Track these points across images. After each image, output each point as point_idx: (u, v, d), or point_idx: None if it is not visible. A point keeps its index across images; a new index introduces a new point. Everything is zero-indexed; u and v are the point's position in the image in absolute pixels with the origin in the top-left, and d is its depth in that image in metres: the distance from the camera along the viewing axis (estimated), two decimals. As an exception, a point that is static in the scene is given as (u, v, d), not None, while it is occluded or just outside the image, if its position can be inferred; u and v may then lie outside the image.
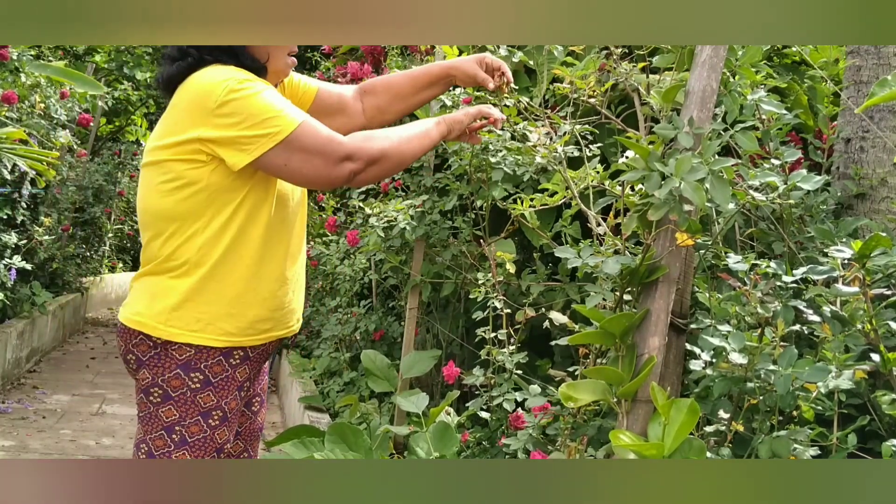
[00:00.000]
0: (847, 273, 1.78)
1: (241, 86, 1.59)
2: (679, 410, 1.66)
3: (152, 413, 1.69)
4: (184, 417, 1.68)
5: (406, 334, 3.33)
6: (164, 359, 1.67)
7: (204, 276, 1.67)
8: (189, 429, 1.68)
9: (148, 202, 1.70)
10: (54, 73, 2.62)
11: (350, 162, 1.63)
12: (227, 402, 1.71)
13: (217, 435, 1.71)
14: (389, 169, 1.72)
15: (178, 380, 1.67)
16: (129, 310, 1.72)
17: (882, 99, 1.72)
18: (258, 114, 1.58)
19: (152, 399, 1.68)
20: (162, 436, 1.68)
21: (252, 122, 1.58)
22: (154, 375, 1.68)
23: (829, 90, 3.33)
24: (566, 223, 2.70)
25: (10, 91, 4.68)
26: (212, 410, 1.69)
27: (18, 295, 5.78)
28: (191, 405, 1.68)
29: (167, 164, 1.64)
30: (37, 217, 6.15)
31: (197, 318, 1.67)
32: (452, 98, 2.97)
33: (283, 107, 1.61)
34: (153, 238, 1.70)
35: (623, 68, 2.42)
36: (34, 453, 4.05)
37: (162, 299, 1.68)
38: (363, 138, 1.67)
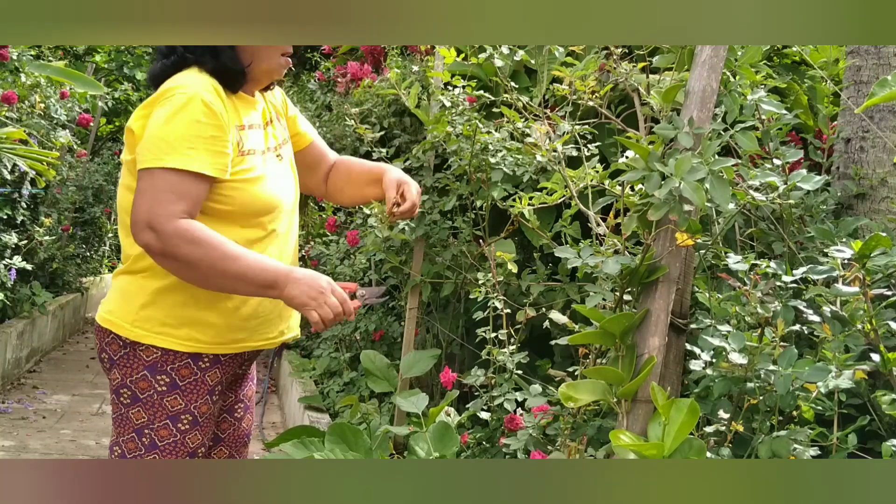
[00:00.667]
0: (847, 273, 1.78)
1: (183, 99, 1.56)
2: (679, 410, 1.66)
3: (124, 415, 1.67)
4: (152, 420, 1.65)
5: (406, 334, 3.33)
6: (133, 359, 1.66)
7: (171, 278, 1.63)
8: (158, 432, 1.66)
9: (120, 199, 1.70)
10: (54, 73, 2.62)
11: (151, 234, 1.52)
12: (196, 406, 1.68)
13: (188, 439, 1.68)
14: (185, 276, 1.58)
15: (145, 381, 1.65)
16: (103, 308, 1.72)
17: (882, 99, 1.72)
18: (165, 132, 1.55)
19: (122, 400, 1.67)
20: (133, 438, 1.66)
21: (155, 135, 1.56)
22: (123, 376, 1.67)
23: (829, 90, 3.33)
24: (566, 223, 2.70)
25: (10, 91, 4.68)
26: (180, 414, 1.66)
27: (18, 295, 5.77)
28: (158, 408, 1.65)
29: (130, 162, 1.65)
30: (37, 217, 6.14)
31: (163, 321, 1.64)
32: (452, 98, 2.97)
33: (188, 145, 1.55)
34: (126, 236, 1.68)
35: (623, 68, 2.42)
36: (34, 453, 4.05)
37: (132, 298, 1.67)
38: (186, 236, 1.52)
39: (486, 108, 3.22)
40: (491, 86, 3.31)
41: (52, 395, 5.29)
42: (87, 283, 8.28)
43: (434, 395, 3.42)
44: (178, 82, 1.61)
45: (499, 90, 3.14)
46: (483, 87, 3.24)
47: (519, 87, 3.28)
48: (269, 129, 1.79)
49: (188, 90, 1.58)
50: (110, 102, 8.72)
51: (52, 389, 5.45)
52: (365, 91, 3.92)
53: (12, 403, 4.95)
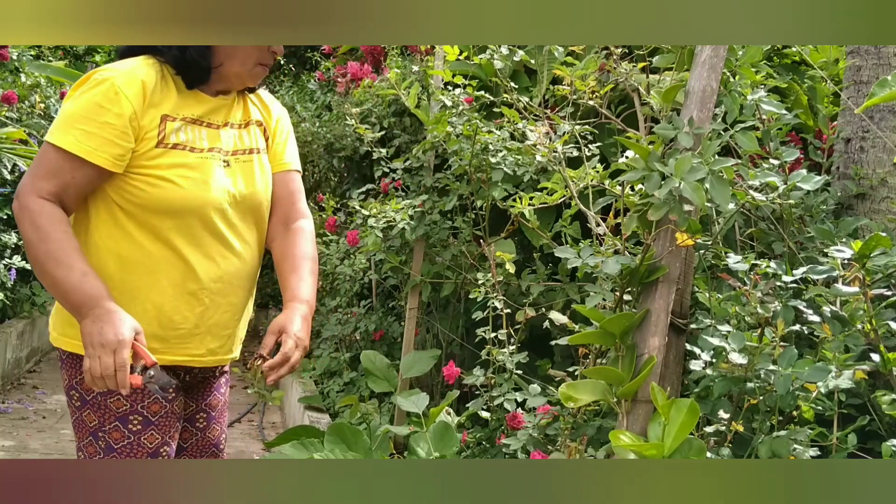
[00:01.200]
0: (847, 273, 1.78)
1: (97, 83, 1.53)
2: (679, 410, 1.66)
3: (78, 418, 1.62)
4: (103, 423, 1.59)
5: (406, 334, 3.33)
6: (76, 360, 1.60)
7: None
8: (111, 434, 1.59)
9: None
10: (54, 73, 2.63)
11: (16, 203, 1.50)
12: (144, 405, 1.60)
13: (144, 439, 1.60)
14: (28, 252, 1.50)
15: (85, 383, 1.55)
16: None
17: (882, 99, 1.72)
18: (66, 112, 1.53)
19: (73, 402, 1.63)
20: (91, 442, 1.61)
21: (60, 114, 1.54)
22: (70, 377, 1.63)
23: (829, 90, 3.33)
24: (566, 223, 2.70)
25: (10, 91, 4.69)
26: (128, 415, 1.59)
27: (18, 295, 5.77)
28: (105, 410, 1.59)
29: None
30: (37, 217, 6.13)
31: (71, 322, 1.54)
32: (452, 98, 2.97)
33: (80, 125, 1.51)
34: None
35: (623, 68, 2.42)
36: (34, 453, 4.05)
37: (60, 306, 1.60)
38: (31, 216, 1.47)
39: (487, 108, 3.22)
40: (491, 86, 3.31)
41: (52, 395, 5.28)
42: (87, 283, 8.27)
43: (434, 395, 3.42)
44: (107, 66, 1.58)
45: (499, 90, 3.14)
46: (483, 87, 3.24)
47: (519, 88, 3.28)
48: (227, 132, 1.68)
49: (107, 74, 1.54)
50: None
51: (52, 389, 5.44)
52: (365, 91, 3.92)
53: (12, 403, 4.95)
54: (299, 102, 5.62)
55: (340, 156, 4.51)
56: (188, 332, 1.63)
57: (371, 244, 3.41)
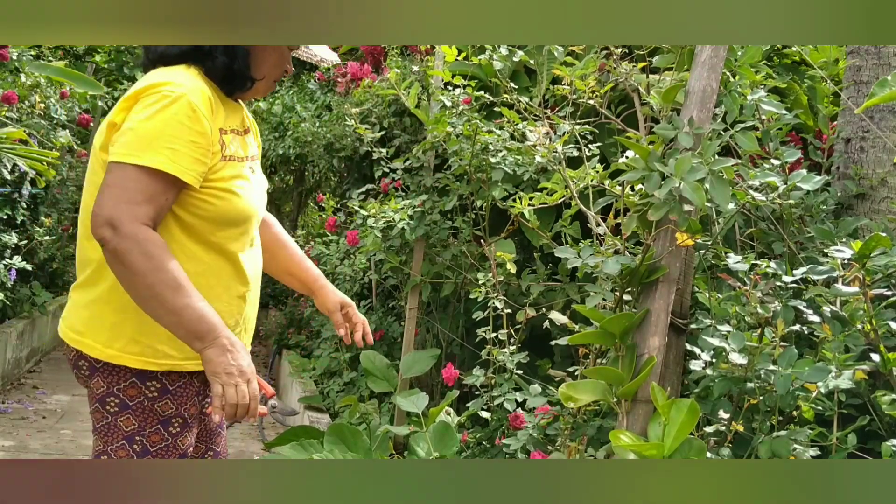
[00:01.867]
0: (847, 273, 1.78)
1: (170, 99, 1.49)
2: (679, 410, 1.66)
3: (111, 423, 1.60)
4: (143, 427, 1.59)
5: (406, 334, 3.33)
6: (118, 367, 1.58)
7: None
8: (150, 438, 1.60)
9: (86, 200, 1.59)
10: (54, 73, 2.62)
11: (110, 230, 1.41)
12: (186, 408, 1.63)
13: (179, 442, 1.63)
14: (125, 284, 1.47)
15: (134, 388, 1.58)
16: (70, 327, 1.64)
17: (882, 99, 1.72)
18: (145, 129, 1.46)
19: (109, 409, 1.59)
20: (123, 446, 1.59)
21: (134, 129, 1.47)
22: (109, 384, 1.59)
23: (829, 90, 3.33)
24: (566, 223, 2.70)
25: (10, 91, 4.68)
26: (171, 418, 1.61)
27: (18, 295, 5.77)
28: (149, 414, 1.59)
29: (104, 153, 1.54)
30: (37, 217, 6.14)
31: (135, 338, 1.55)
32: (452, 98, 2.97)
33: (167, 144, 1.46)
34: (88, 238, 1.55)
35: (623, 68, 2.42)
36: (34, 453, 4.05)
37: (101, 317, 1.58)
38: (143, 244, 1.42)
39: (487, 108, 3.22)
40: (491, 86, 3.32)
41: (52, 395, 5.28)
42: (87, 283, 8.27)
43: (434, 395, 3.42)
44: (166, 78, 1.52)
45: (499, 90, 3.14)
46: (483, 88, 3.24)
47: (519, 88, 3.28)
48: (247, 138, 1.72)
49: (176, 89, 1.49)
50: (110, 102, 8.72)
51: (52, 389, 5.45)
52: (365, 91, 3.92)
53: (12, 403, 4.95)
54: (299, 102, 5.62)
55: (340, 156, 4.52)
56: (233, 332, 1.62)
57: (371, 244, 3.41)
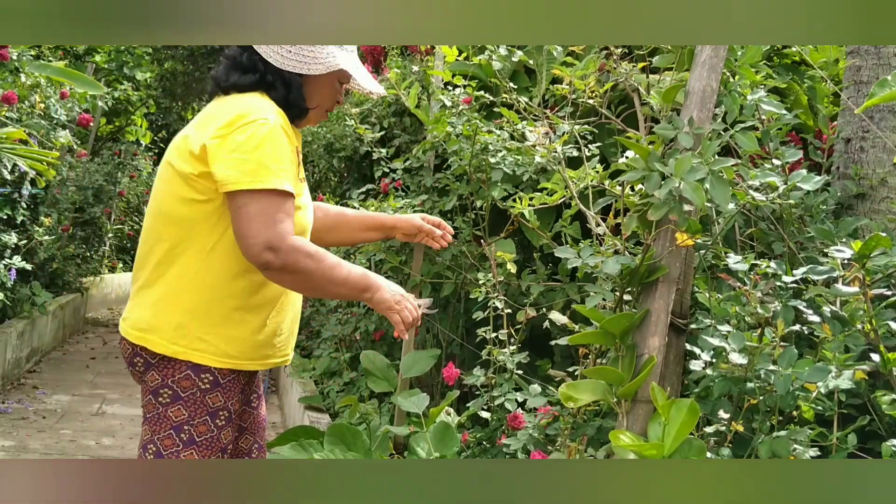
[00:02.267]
0: (847, 273, 1.78)
1: (266, 127, 1.64)
2: (679, 410, 1.66)
3: (161, 413, 1.71)
4: (192, 417, 1.71)
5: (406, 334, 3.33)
6: (173, 361, 1.70)
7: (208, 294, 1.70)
8: (197, 428, 1.71)
9: (169, 207, 1.72)
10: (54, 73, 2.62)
11: (272, 255, 1.60)
12: (231, 402, 1.75)
13: (222, 435, 1.74)
14: (299, 289, 1.74)
15: (188, 380, 1.70)
16: (133, 325, 1.74)
17: (882, 99, 1.72)
18: (259, 157, 1.62)
19: (161, 400, 1.71)
20: (171, 435, 1.70)
21: (249, 160, 1.61)
22: (164, 377, 1.71)
23: (829, 90, 3.33)
24: (566, 223, 2.70)
25: (10, 91, 4.68)
26: (219, 410, 1.73)
27: (18, 295, 5.77)
28: (200, 405, 1.71)
29: (189, 175, 1.68)
30: (37, 217, 6.14)
31: (200, 337, 1.70)
32: (452, 98, 2.97)
33: (282, 167, 1.64)
34: (160, 241, 1.72)
35: (623, 68, 2.42)
36: (34, 453, 4.05)
37: (167, 315, 1.70)
38: (304, 250, 1.64)
39: (487, 108, 3.22)
40: (491, 86, 3.32)
41: (52, 396, 5.28)
42: (87, 283, 8.28)
43: (434, 395, 3.42)
44: (253, 105, 1.67)
45: (499, 90, 3.14)
46: (483, 88, 3.24)
47: (519, 88, 3.28)
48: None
49: (270, 119, 1.66)
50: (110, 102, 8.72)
51: (52, 389, 5.45)
52: (365, 91, 3.91)
53: (12, 403, 4.95)
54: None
55: (340, 156, 4.52)
56: (287, 337, 1.84)
57: (371, 244, 3.41)
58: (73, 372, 6.09)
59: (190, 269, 1.69)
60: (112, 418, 4.87)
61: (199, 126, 1.70)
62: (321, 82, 1.79)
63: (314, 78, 1.77)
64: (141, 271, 1.76)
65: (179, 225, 1.69)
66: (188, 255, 1.69)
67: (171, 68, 9.23)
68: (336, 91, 1.84)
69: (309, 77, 1.76)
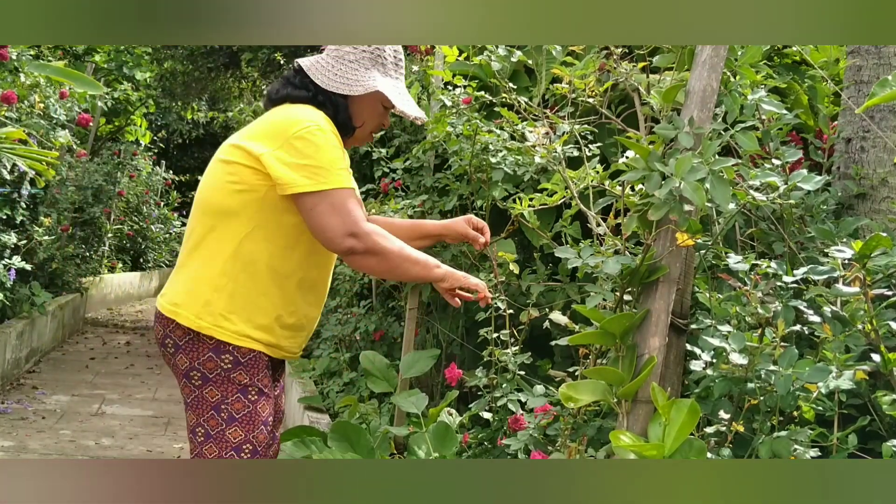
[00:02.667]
0: (847, 273, 1.78)
1: (320, 132, 1.80)
2: (679, 411, 1.66)
3: (199, 396, 1.84)
4: (226, 396, 1.83)
5: (406, 334, 3.33)
6: (198, 343, 1.83)
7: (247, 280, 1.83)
8: (233, 406, 1.83)
9: (220, 201, 1.85)
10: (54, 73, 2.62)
11: (355, 240, 1.78)
12: (258, 379, 1.86)
13: (259, 408, 1.86)
14: (381, 270, 1.87)
15: (211, 362, 1.83)
16: (169, 300, 1.87)
17: (882, 99, 1.72)
18: (319, 160, 1.78)
19: (194, 382, 1.84)
20: (213, 416, 1.83)
21: (310, 164, 1.77)
22: (191, 360, 1.84)
23: (829, 90, 3.33)
24: (566, 223, 2.70)
25: (9, 91, 4.68)
26: (248, 387, 1.85)
27: (18, 295, 5.77)
28: (229, 383, 1.83)
29: (236, 167, 1.83)
30: (36, 217, 6.14)
31: (224, 316, 1.82)
32: (452, 98, 2.96)
33: (340, 166, 1.82)
34: (211, 231, 1.85)
35: (623, 68, 2.42)
36: (33, 454, 4.04)
37: (199, 294, 1.84)
38: (380, 233, 1.82)
39: (487, 107, 3.22)
40: (491, 86, 3.31)
41: (51, 396, 5.28)
42: (87, 283, 8.28)
43: (434, 395, 3.42)
44: (308, 115, 1.83)
45: (499, 90, 3.14)
46: (483, 87, 3.24)
47: (518, 88, 3.27)
48: None
49: (322, 124, 1.82)
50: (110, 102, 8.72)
51: (52, 389, 5.44)
52: (365, 91, 3.90)
53: (12, 403, 4.94)
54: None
55: (340, 156, 4.51)
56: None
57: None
58: (72, 372, 6.09)
59: (223, 253, 1.82)
60: (111, 418, 4.87)
61: (255, 134, 1.84)
62: (364, 104, 1.94)
63: (358, 99, 1.93)
64: (181, 256, 1.91)
65: (218, 212, 1.83)
66: (222, 240, 1.83)
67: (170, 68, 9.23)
68: (380, 114, 1.99)
69: (353, 98, 1.92)
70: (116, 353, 7.09)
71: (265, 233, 1.83)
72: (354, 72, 1.90)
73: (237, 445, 1.82)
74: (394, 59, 1.98)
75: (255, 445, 1.84)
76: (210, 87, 9.53)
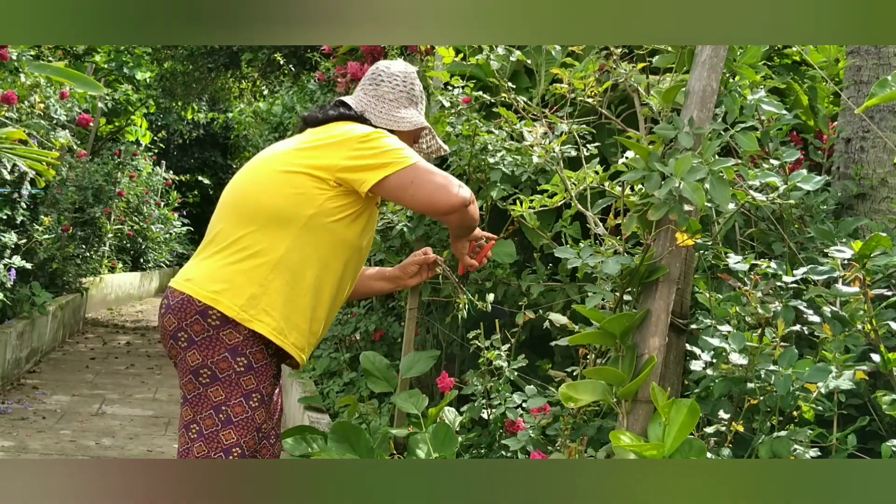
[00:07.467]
0: (847, 273, 1.78)
1: (380, 133, 1.96)
2: (679, 411, 1.66)
3: (202, 394, 1.87)
4: (229, 398, 1.86)
5: (406, 335, 3.33)
6: (216, 342, 1.86)
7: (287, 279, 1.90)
8: (234, 409, 1.87)
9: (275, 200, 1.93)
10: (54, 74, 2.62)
11: (461, 188, 1.91)
12: (264, 386, 1.91)
13: (256, 415, 1.89)
14: (474, 216, 2.01)
15: (225, 362, 1.86)
16: (207, 287, 1.88)
17: (882, 99, 1.72)
18: (391, 147, 1.92)
19: (202, 380, 1.87)
20: (211, 415, 1.86)
21: (384, 151, 1.91)
22: (204, 357, 1.86)
23: (829, 90, 3.33)
24: (566, 223, 2.70)
25: (9, 91, 4.68)
26: (252, 392, 1.89)
27: (18, 295, 5.77)
28: (236, 386, 1.87)
29: (297, 176, 1.91)
30: (36, 217, 6.14)
31: (266, 311, 1.88)
32: (451, 99, 2.96)
33: (401, 150, 1.94)
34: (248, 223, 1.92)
35: (623, 69, 2.41)
36: (34, 454, 4.04)
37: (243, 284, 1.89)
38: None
39: (486, 107, 3.22)
40: (490, 86, 3.31)
41: (51, 396, 5.28)
42: (87, 283, 8.28)
43: (434, 395, 3.42)
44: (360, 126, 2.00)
45: (498, 90, 3.14)
46: (482, 87, 3.23)
47: (518, 88, 3.27)
48: None
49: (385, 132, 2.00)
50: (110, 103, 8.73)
51: (52, 390, 5.45)
52: (365, 91, 3.90)
53: (12, 404, 4.95)
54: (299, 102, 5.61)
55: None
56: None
57: (371, 244, 3.40)
58: (72, 372, 6.09)
59: (268, 254, 1.89)
60: (112, 418, 4.87)
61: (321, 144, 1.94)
62: (402, 137, 2.08)
63: (398, 134, 2.08)
64: (212, 244, 1.95)
65: (269, 215, 1.90)
66: (269, 242, 1.89)
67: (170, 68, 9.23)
68: (411, 146, 2.14)
69: (396, 133, 2.07)
70: (117, 353, 7.10)
71: (313, 243, 1.92)
72: (396, 110, 2.10)
73: (227, 447, 1.85)
74: (421, 96, 2.18)
75: (244, 450, 1.88)
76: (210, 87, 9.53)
